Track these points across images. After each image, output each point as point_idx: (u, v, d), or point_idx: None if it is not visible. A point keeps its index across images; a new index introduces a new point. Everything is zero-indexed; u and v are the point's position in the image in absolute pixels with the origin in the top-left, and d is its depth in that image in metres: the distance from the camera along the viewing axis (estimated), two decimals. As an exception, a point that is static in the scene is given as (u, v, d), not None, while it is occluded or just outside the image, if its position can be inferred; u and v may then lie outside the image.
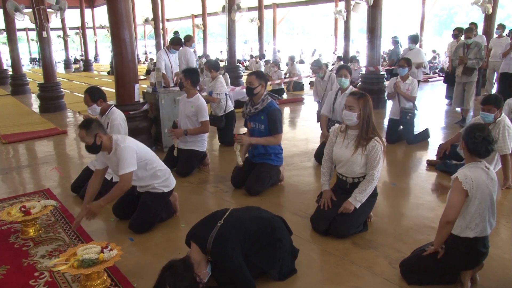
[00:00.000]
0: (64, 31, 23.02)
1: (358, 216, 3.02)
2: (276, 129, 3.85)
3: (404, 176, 4.47)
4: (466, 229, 2.32)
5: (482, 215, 2.29)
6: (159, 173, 3.27)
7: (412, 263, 2.50)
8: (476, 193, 2.26)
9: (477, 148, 2.29)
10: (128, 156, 2.99)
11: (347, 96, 3.09)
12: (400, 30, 43.28)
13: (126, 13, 4.99)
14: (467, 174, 2.28)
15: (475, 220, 2.29)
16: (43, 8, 8.27)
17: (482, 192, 2.27)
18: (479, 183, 2.26)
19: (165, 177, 3.31)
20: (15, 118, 8.38)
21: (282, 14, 23.48)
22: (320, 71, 6.27)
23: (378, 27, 8.25)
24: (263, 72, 5.25)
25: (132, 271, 2.67)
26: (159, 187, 3.27)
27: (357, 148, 2.95)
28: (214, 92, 5.71)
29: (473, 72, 6.24)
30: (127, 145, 3.02)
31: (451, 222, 2.30)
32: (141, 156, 3.12)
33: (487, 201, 2.29)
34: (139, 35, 34.89)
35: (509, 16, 35.37)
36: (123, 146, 3.00)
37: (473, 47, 6.25)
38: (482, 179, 2.28)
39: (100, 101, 3.87)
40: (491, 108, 3.74)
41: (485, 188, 2.28)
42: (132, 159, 3.01)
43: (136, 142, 3.16)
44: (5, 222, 3.36)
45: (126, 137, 3.19)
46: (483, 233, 2.31)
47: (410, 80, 5.65)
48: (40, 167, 5.08)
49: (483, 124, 2.56)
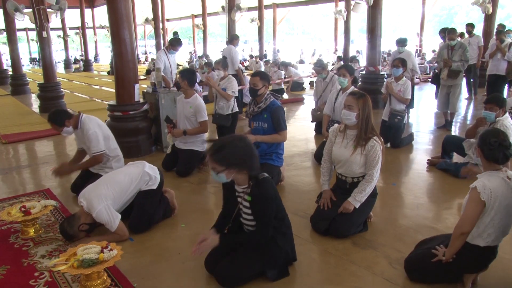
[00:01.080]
0: (64, 31, 23.05)
1: (358, 216, 3.02)
2: (280, 126, 3.88)
3: (404, 176, 4.47)
4: (477, 237, 2.26)
5: (496, 226, 2.23)
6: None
7: (417, 261, 2.48)
8: (493, 204, 2.18)
9: (494, 154, 2.20)
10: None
11: (347, 95, 3.09)
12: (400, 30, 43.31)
13: (126, 13, 4.99)
14: (486, 184, 2.18)
15: (488, 230, 2.23)
16: (43, 8, 8.27)
17: (499, 203, 2.18)
18: (498, 194, 2.18)
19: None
20: (15, 118, 8.39)
21: (282, 14, 23.50)
22: (323, 72, 6.26)
23: (378, 27, 8.24)
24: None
25: (132, 271, 2.67)
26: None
27: (356, 148, 2.95)
28: (229, 90, 5.63)
29: (458, 75, 6.10)
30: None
31: (466, 233, 2.23)
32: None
33: (503, 211, 2.21)
34: (139, 35, 34.90)
35: (509, 16, 35.38)
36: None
37: (457, 49, 6.11)
38: (501, 190, 2.19)
39: (67, 121, 3.70)
40: (492, 106, 3.74)
41: (503, 199, 2.19)
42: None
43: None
44: (5, 222, 3.36)
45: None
46: (494, 242, 2.27)
47: (403, 81, 5.47)
48: (40, 167, 5.08)
49: (498, 129, 2.48)
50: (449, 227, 3.17)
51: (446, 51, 6.26)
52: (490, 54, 7.87)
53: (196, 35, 29.64)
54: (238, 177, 2.39)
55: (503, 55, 7.73)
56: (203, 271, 2.59)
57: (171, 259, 2.82)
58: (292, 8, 23.40)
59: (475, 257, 2.29)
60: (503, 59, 7.71)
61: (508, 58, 7.66)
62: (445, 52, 6.27)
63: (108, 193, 3.04)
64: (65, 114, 3.76)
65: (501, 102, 3.76)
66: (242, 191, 2.46)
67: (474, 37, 8.87)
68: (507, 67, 7.70)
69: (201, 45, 23.32)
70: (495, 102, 3.75)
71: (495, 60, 7.84)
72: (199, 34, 27.48)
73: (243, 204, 2.46)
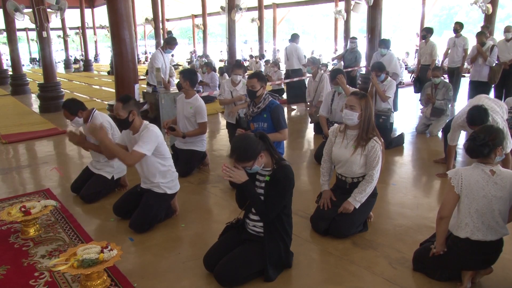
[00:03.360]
0: (64, 31, 23.04)
1: (358, 216, 3.02)
2: (281, 124, 3.88)
3: (404, 176, 4.47)
4: (458, 228, 2.33)
5: (474, 216, 2.27)
6: (169, 174, 3.32)
7: (421, 253, 2.56)
8: (465, 192, 2.27)
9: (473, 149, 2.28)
10: (151, 140, 3.10)
11: (349, 95, 3.09)
12: (400, 30, 43.34)
13: (126, 13, 4.99)
14: (458, 171, 2.31)
15: (466, 220, 2.30)
16: (43, 8, 8.27)
17: (473, 192, 2.25)
18: (470, 182, 2.25)
19: (172, 178, 3.35)
20: (15, 118, 8.38)
21: (282, 14, 23.48)
22: (312, 66, 6.30)
23: (378, 27, 8.25)
24: (263, 72, 5.25)
25: (132, 271, 2.67)
26: (164, 187, 3.29)
27: (356, 148, 2.95)
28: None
29: (442, 113, 5.91)
30: (155, 129, 3.17)
31: (444, 218, 2.33)
32: (161, 150, 3.23)
33: (480, 202, 2.25)
34: (139, 35, 34.90)
35: (509, 16, 35.36)
36: (151, 129, 3.14)
37: (441, 88, 5.93)
38: (476, 179, 2.25)
39: (80, 112, 3.77)
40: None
41: (478, 189, 2.25)
42: (152, 144, 3.11)
43: (162, 136, 3.28)
44: (5, 222, 3.36)
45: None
46: (477, 235, 2.28)
47: (387, 81, 5.50)
48: (40, 167, 5.08)
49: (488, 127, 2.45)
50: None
51: (430, 89, 6.05)
52: (471, 59, 7.24)
53: (196, 35, 29.66)
54: (265, 161, 2.47)
55: (484, 60, 6.98)
56: (203, 271, 2.59)
57: (171, 259, 2.83)
58: (292, 8, 23.38)
59: (461, 252, 2.32)
60: (485, 64, 6.99)
61: (489, 63, 6.95)
62: (429, 90, 6.07)
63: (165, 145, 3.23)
64: (81, 105, 3.84)
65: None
66: (264, 173, 2.52)
67: (461, 38, 7.98)
68: (489, 73, 7.02)
69: (201, 45, 23.31)
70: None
71: (477, 66, 7.12)
72: (199, 34, 27.48)
73: (258, 185, 2.53)
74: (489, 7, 9.74)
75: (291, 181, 2.47)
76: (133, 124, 3.18)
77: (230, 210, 3.52)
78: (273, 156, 2.49)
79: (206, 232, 3.22)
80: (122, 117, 3.12)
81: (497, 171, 2.28)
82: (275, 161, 2.49)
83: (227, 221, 2.82)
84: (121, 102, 3.14)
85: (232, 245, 2.58)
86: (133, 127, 3.20)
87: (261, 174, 2.55)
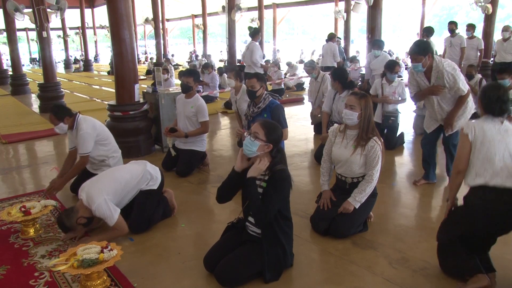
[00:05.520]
0: (64, 31, 23.05)
1: (358, 216, 3.02)
2: (281, 124, 3.87)
3: (404, 176, 4.47)
4: (476, 177, 2.33)
5: (492, 160, 2.29)
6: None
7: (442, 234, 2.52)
8: (478, 136, 2.33)
9: (491, 106, 2.35)
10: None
11: (348, 95, 3.09)
12: (400, 30, 43.33)
13: (126, 13, 4.99)
14: (470, 122, 2.40)
15: (483, 166, 2.31)
16: (43, 8, 8.27)
17: (486, 136, 2.32)
18: (483, 128, 2.33)
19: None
20: (15, 118, 8.38)
21: (282, 14, 23.50)
22: (314, 71, 6.28)
23: (378, 27, 8.25)
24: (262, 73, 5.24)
25: (132, 271, 2.67)
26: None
27: (356, 148, 2.95)
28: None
29: None
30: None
31: (461, 171, 2.39)
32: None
33: (498, 147, 2.30)
34: (139, 35, 34.91)
35: (509, 16, 35.37)
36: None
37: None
38: (488, 126, 2.34)
39: (66, 119, 3.72)
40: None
41: (493, 134, 2.31)
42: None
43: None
44: (5, 222, 3.36)
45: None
46: (493, 180, 2.27)
47: (396, 82, 5.38)
48: (40, 167, 5.08)
49: (498, 84, 2.59)
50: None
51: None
52: None
53: (196, 35, 29.66)
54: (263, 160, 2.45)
55: (474, 94, 6.39)
56: (203, 271, 2.59)
57: (171, 259, 2.83)
58: (292, 8, 23.41)
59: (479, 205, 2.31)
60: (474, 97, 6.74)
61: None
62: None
63: (108, 187, 3.03)
64: (68, 111, 3.80)
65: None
66: (259, 178, 2.50)
67: (457, 37, 7.94)
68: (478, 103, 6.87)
69: (201, 45, 23.31)
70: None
71: None
72: (199, 34, 27.48)
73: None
74: (489, 7, 9.73)
75: (289, 184, 2.46)
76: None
77: (230, 210, 3.52)
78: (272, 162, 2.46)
79: (206, 232, 3.22)
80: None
81: (503, 120, 2.39)
82: (270, 167, 2.46)
83: (227, 221, 2.83)
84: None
85: (233, 246, 2.58)
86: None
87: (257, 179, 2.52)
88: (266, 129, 2.41)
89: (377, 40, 7.33)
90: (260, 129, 2.41)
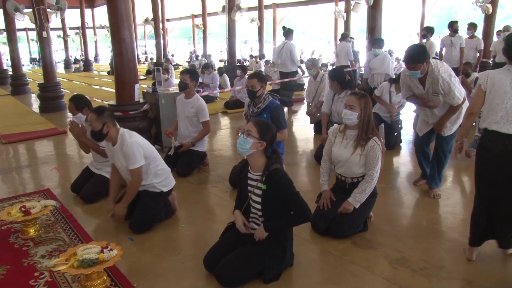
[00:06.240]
0: (64, 31, 23.06)
1: (358, 216, 3.02)
2: (280, 124, 3.88)
3: (404, 176, 4.47)
4: (483, 121, 2.50)
5: (494, 109, 2.42)
6: (160, 172, 3.28)
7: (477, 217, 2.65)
8: (490, 88, 2.46)
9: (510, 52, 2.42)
10: (136, 151, 3.06)
11: (348, 95, 3.09)
12: (400, 30, 43.33)
13: (126, 13, 4.99)
14: (485, 72, 2.54)
15: (498, 113, 2.41)
16: (43, 8, 8.27)
17: (494, 87, 2.43)
18: (495, 79, 2.44)
19: (165, 176, 3.32)
20: (15, 118, 8.38)
21: (282, 14, 23.50)
22: (313, 68, 6.30)
23: (378, 27, 8.25)
24: (262, 72, 5.24)
25: (132, 271, 2.67)
26: (159, 186, 3.27)
27: (356, 148, 2.95)
28: None
29: None
30: (133, 140, 3.09)
31: (473, 113, 2.61)
32: (145, 154, 3.15)
33: (502, 97, 2.40)
34: (139, 35, 34.92)
35: (509, 16, 35.38)
36: (129, 142, 3.06)
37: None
38: (500, 76, 2.43)
39: (85, 110, 3.79)
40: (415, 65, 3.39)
41: (502, 86, 2.41)
42: (140, 154, 3.08)
43: (141, 138, 3.22)
44: (5, 222, 3.36)
45: (133, 133, 3.21)
46: (505, 127, 2.38)
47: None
48: (40, 167, 5.08)
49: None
50: (450, 227, 3.18)
51: None
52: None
53: (196, 35, 29.68)
54: (257, 160, 2.46)
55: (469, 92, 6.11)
56: (203, 271, 2.59)
57: (171, 259, 2.83)
58: (292, 8, 23.40)
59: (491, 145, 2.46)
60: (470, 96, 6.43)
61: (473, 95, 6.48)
62: None
63: (145, 144, 3.17)
64: (88, 103, 3.87)
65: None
66: (255, 178, 2.50)
67: (457, 36, 7.83)
68: None
69: (201, 45, 23.32)
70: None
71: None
72: (199, 34, 27.49)
73: (255, 192, 2.51)
74: (489, 7, 9.73)
75: (288, 180, 2.46)
76: (109, 135, 3.12)
77: (230, 210, 3.50)
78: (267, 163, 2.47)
79: (206, 232, 3.22)
80: (96, 129, 3.08)
81: None
82: (266, 167, 2.46)
83: (227, 221, 2.83)
84: (95, 114, 3.09)
85: (233, 246, 2.58)
86: (109, 138, 3.15)
87: (251, 178, 2.54)
88: (259, 127, 2.44)
89: (377, 39, 7.21)
90: (253, 127, 2.44)
